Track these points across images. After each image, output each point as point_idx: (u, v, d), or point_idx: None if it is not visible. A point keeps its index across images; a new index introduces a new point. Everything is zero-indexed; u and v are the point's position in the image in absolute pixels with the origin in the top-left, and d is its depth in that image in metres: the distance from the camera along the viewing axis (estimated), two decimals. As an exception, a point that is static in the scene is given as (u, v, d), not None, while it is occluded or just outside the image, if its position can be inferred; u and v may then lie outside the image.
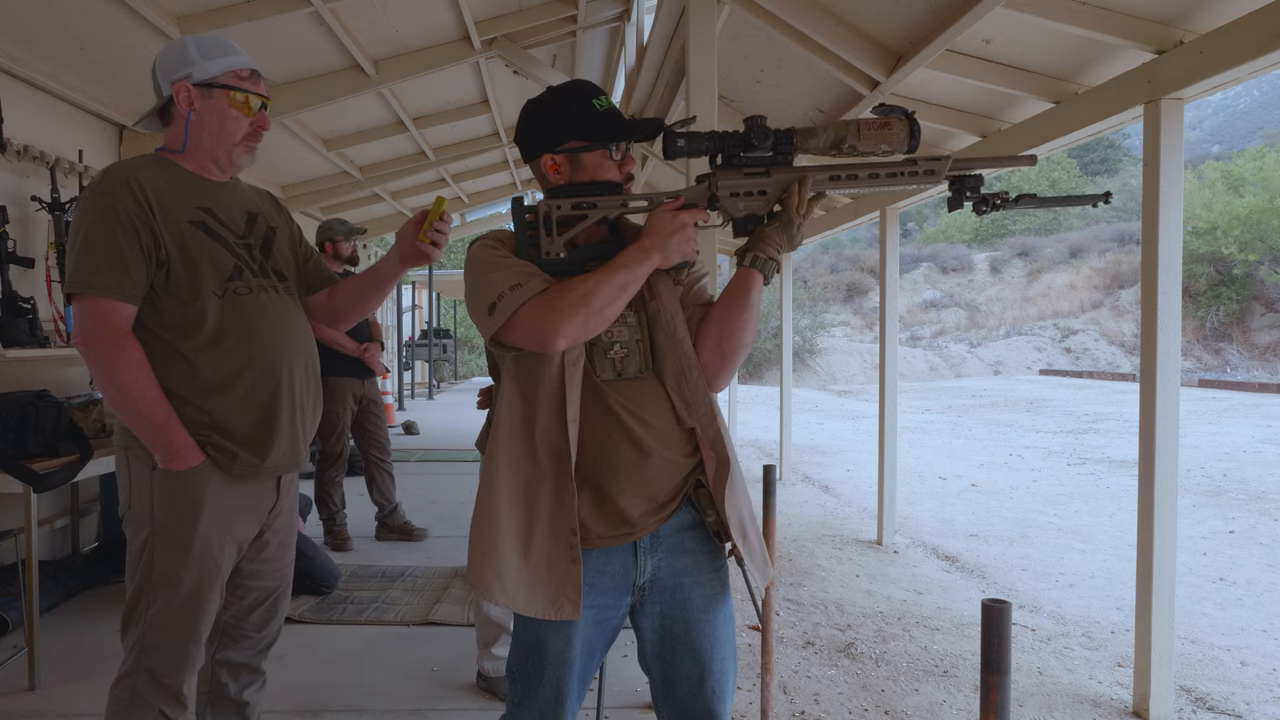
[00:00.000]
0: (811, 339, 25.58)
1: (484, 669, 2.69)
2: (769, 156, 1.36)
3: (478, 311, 1.35)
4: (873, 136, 1.30)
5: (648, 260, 1.34)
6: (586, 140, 1.39)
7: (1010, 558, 4.92)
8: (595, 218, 1.38)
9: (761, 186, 1.36)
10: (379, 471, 4.66)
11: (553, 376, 1.35)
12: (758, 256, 1.36)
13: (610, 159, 1.41)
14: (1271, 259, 22.19)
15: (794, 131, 1.34)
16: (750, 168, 1.36)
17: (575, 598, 1.33)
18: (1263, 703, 2.99)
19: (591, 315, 1.29)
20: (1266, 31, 2.28)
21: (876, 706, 2.84)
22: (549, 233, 1.36)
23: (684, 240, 1.36)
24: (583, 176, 1.40)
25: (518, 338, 1.31)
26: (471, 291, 1.38)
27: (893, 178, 1.34)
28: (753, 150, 1.35)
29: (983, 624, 0.98)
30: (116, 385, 1.55)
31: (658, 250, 1.34)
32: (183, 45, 1.68)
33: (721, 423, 1.43)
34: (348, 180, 7.22)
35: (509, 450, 1.38)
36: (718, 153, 1.36)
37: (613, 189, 1.40)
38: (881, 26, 3.61)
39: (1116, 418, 12.34)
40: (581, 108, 1.40)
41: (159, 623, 1.62)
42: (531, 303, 1.30)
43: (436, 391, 16.49)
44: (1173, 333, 2.72)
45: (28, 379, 3.52)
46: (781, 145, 1.35)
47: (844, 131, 1.30)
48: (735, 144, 1.35)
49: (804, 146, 1.34)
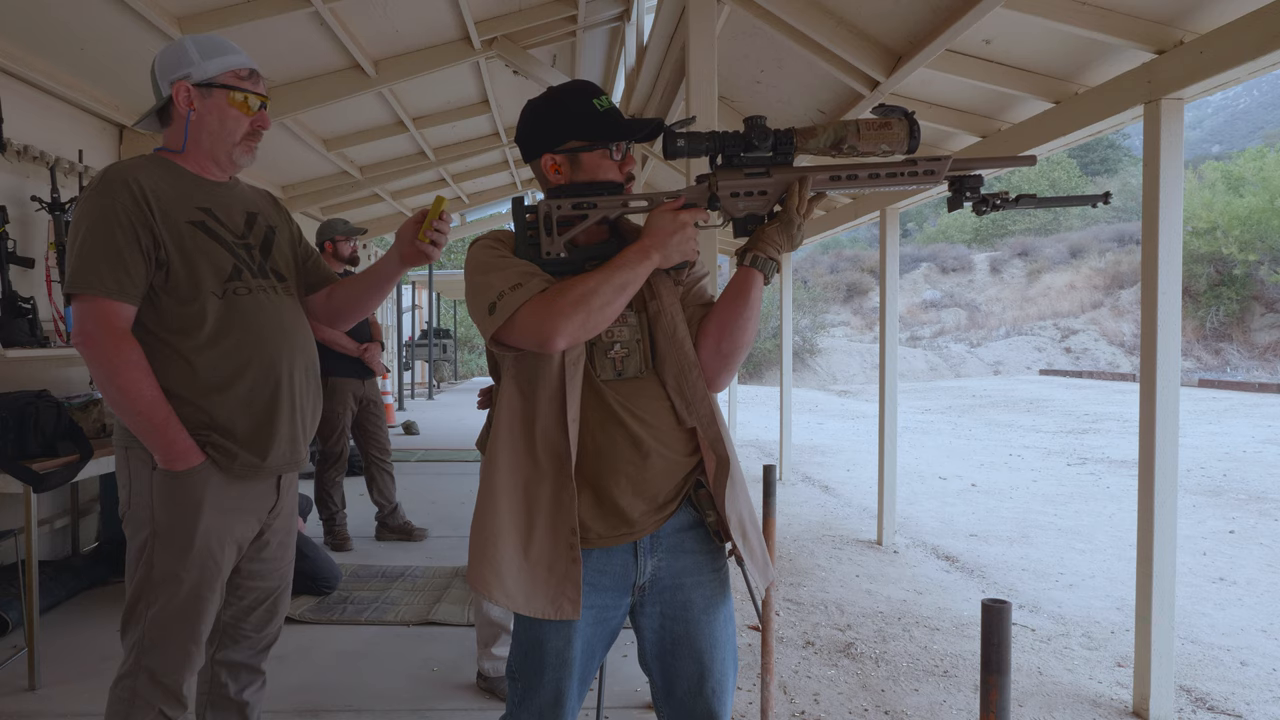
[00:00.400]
0: (811, 339, 25.59)
1: (484, 669, 2.69)
2: (769, 157, 1.36)
3: (478, 311, 1.35)
4: (872, 137, 1.30)
5: (648, 260, 1.34)
6: (587, 140, 1.39)
7: (1010, 558, 4.92)
8: (595, 218, 1.37)
9: (762, 186, 1.36)
10: (379, 471, 4.66)
11: (553, 376, 1.35)
12: (758, 256, 1.36)
13: (610, 159, 1.41)
14: (1271, 259, 22.19)
15: (794, 132, 1.34)
16: (750, 168, 1.36)
17: (575, 597, 1.33)
18: (1263, 703, 2.99)
19: (591, 314, 1.29)
20: (1266, 31, 2.28)
21: (876, 706, 2.84)
22: (549, 233, 1.36)
23: (684, 240, 1.36)
24: (583, 176, 1.40)
25: (518, 338, 1.31)
26: (472, 291, 1.38)
27: (893, 178, 1.34)
28: (753, 150, 1.35)
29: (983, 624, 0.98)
30: (116, 385, 1.55)
31: (658, 250, 1.34)
32: (182, 45, 1.68)
33: (722, 423, 1.43)
34: (348, 180, 7.22)
35: (509, 450, 1.38)
36: (718, 153, 1.36)
37: (613, 189, 1.40)
38: (881, 26, 3.61)
39: (1116, 418, 12.34)
40: (582, 108, 1.40)
41: (159, 623, 1.62)
42: (531, 302, 1.30)
43: (436, 391, 16.49)
44: (1173, 333, 2.72)
45: (28, 379, 3.52)
46: (781, 145, 1.35)
47: (844, 132, 1.31)
48: (735, 144, 1.35)
49: (804, 146, 1.34)
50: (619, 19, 5.70)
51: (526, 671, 1.41)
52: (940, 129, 4.25)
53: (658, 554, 1.41)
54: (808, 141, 1.33)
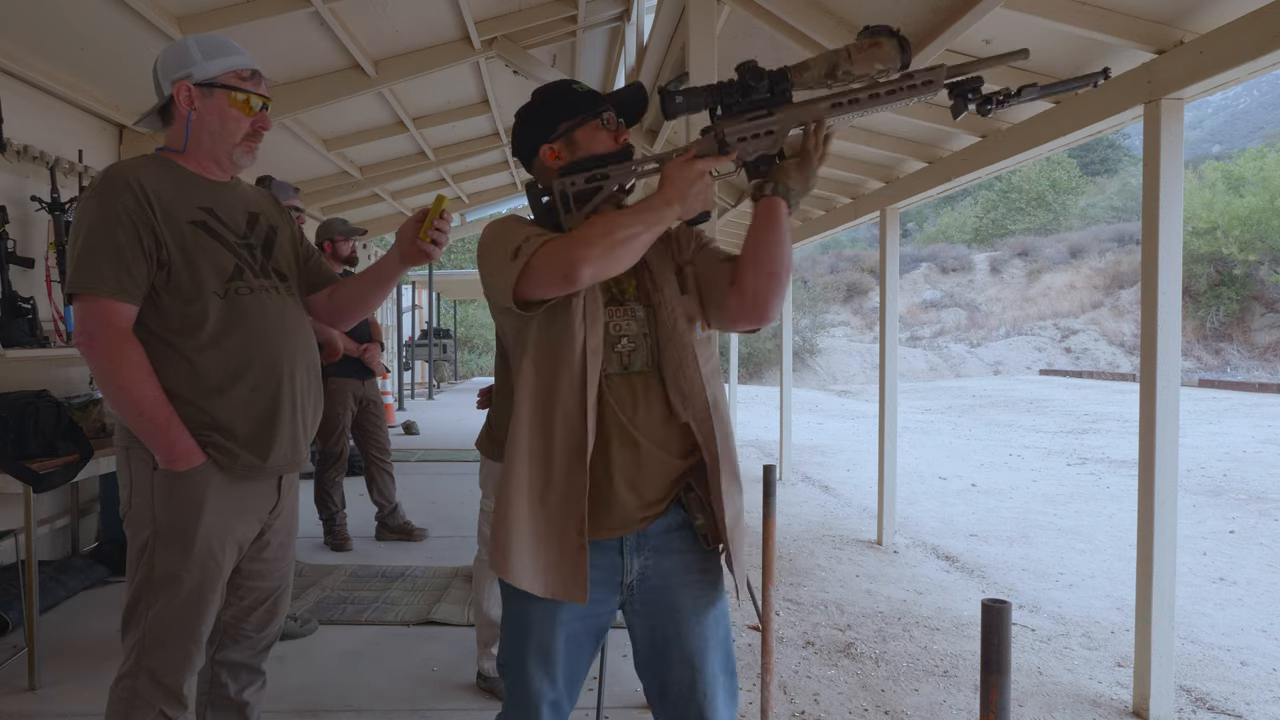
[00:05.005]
0: (811, 339, 25.59)
1: (484, 669, 2.69)
2: (768, 98, 1.35)
3: (500, 263, 1.33)
4: (864, 58, 1.29)
5: (669, 208, 1.32)
6: (575, 117, 1.42)
7: (1010, 558, 4.92)
8: (611, 187, 1.39)
9: (768, 126, 1.35)
10: (379, 471, 4.65)
11: (575, 363, 1.35)
12: (778, 185, 1.34)
13: (603, 129, 1.43)
14: (1271, 259, 22.20)
15: (788, 69, 1.34)
16: (752, 112, 1.36)
17: (583, 583, 1.34)
18: (1263, 703, 2.99)
19: (616, 244, 1.28)
20: (1266, 31, 2.29)
21: (876, 706, 2.84)
22: (568, 210, 1.37)
23: (703, 189, 1.34)
24: (582, 153, 1.41)
25: (540, 275, 1.29)
26: (491, 249, 1.37)
27: (892, 94, 1.32)
28: (751, 94, 1.35)
29: (983, 624, 0.98)
30: (117, 385, 1.55)
31: (679, 201, 1.32)
32: (184, 45, 1.68)
33: (717, 420, 1.42)
34: (348, 180, 7.22)
35: (529, 435, 1.38)
36: (717, 104, 1.36)
37: (621, 157, 1.41)
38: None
39: (1116, 418, 12.34)
40: (561, 94, 1.45)
41: (159, 623, 1.62)
42: (554, 241, 1.31)
43: (436, 391, 16.48)
44: (1173, 333, 2.72)
45: (28, 379, 3.52)
46: (778, 84, 1.34)
47: (836, 59, 1.30)
48: (733, 92, 1.35)
49: (799, 81, 1.34)
50: (619, 19, 5.70)
51: (511, 664, 1.43)
52: (940, 129, 4.25)
53: (644, 553, 1.42)
54: (802, 75, 1.33)
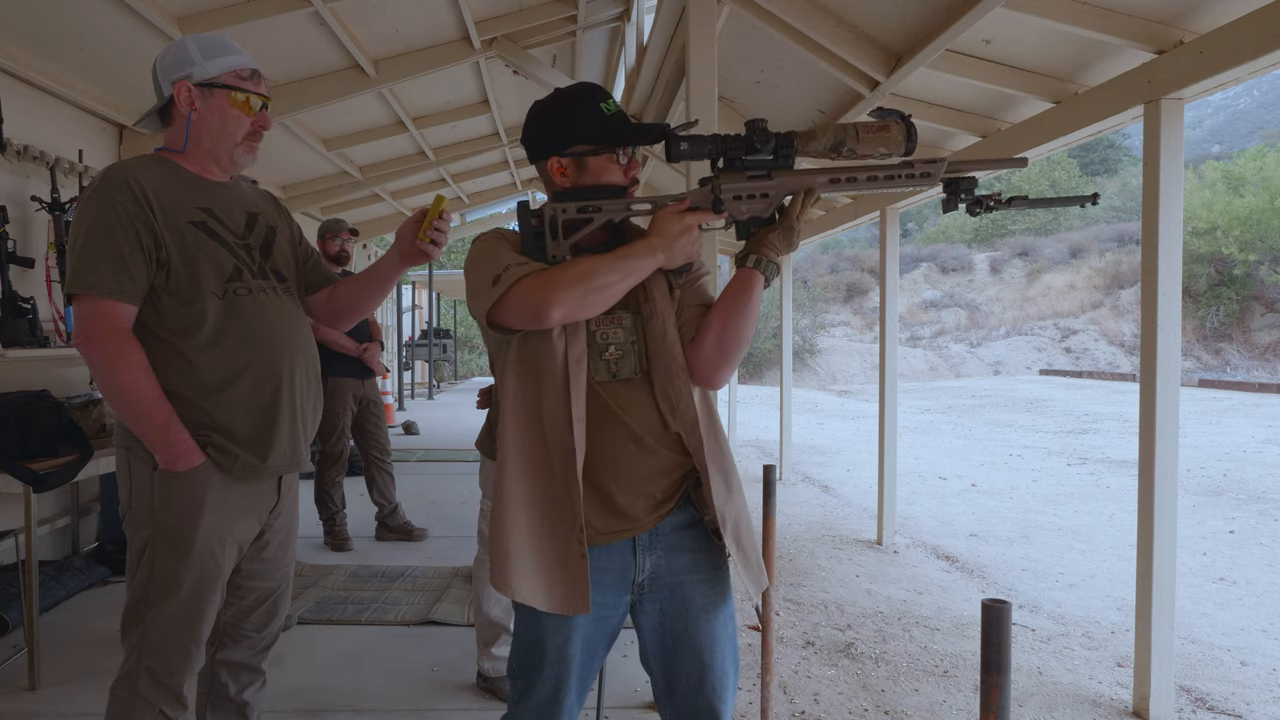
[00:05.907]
0: (811, 339, 25.59)
1: (484, 669, 2.69)
2: (770, 160, 1.37)
3: (480, 286, 1.35)
4: (871, 140, 1.33)
5: (653, 257, 1.35)
6: (593, 145, 1.40)
7: (1010, 558, 4.92)
8: (600, 221, 1.39)
9: (764, 189, 1.38)
10: (379, 472, 4.66)
11: (557, 374, 1.36)
12: (760, 259, 1.37)
13: (616, 163, 1.42)
14: (1271, 259, 22.20)
15: (794, 135, 1.36)
16: (752, 170, 1.37)
17: (585, 593, 1.34)
18: (1263, 703, 2.99)
19: (590, 292, 1.30)
20: (1266, 31, 2.28)
21: (876, 706, 2.84)
22: (555, 236, 1.38)
23: (690, 242, 1.37)
24: (589, 179, 1.41)
25: (514, 308, 1.31)
26: (476, 270, 1.38)
27: (890, 180, 1.36)
28: (754, 153, 1.37)
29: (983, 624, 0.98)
30: (117, 386, 1.55)
31: (663, 250, 1.35)
32: (183, 45, 1.68)
33: (709, 429, 1.42)
34: (348, 180, 7.22)
35: (517, 448, 1.38)
36: (720, 156, 1.38)
37: (617, 192, 1.41)
38: (881, 26, 3.61)
39: (1116, 418, 12.34)
40: (588, 111, 1.40)
41: (160, 623, 1.62)
42: (534, 275, 1.32)
43: (436, 391, 16.49)
44: (1173, 333, 2.72)
45: (28, 379, 3.52)
46: (782, 148, 1.37)
47: (843, 135, 1.33)
48: (737, 147, 1.37)
49: (804, 149, 1.36)
50: (619, 19, 5.70)
51: (526, 669, 1.42)
52: (940, 129, 4.25)
53: (656, 551, 1.42)
54: (808, 144, 1.35)
